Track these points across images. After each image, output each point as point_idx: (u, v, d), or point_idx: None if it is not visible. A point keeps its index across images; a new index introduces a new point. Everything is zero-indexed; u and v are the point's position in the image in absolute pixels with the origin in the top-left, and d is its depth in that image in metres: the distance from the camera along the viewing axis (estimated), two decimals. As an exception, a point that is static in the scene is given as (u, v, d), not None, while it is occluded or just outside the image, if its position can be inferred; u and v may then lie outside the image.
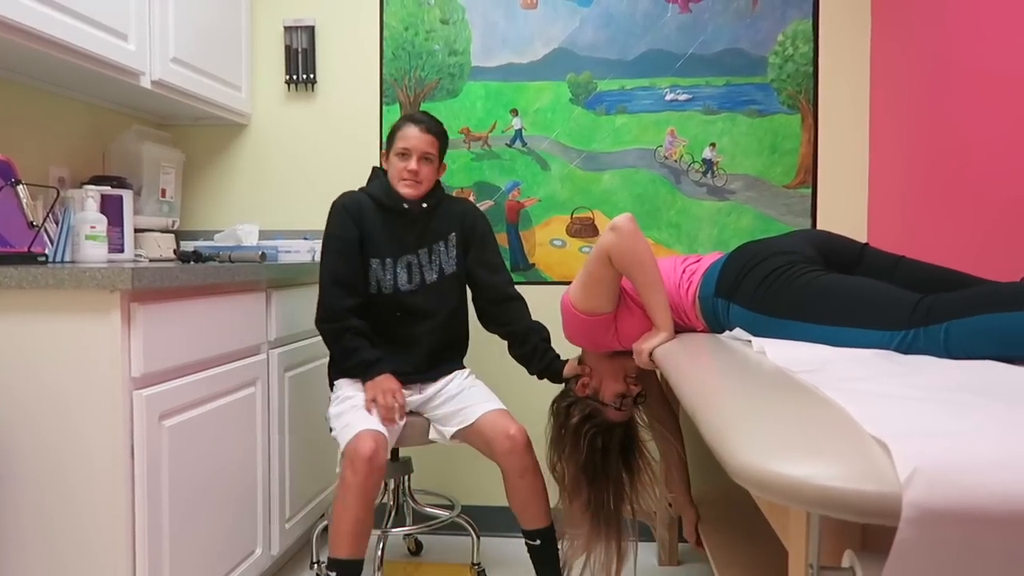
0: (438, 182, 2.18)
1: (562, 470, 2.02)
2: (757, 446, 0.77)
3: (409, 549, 2.58)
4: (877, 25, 2.50)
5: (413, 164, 2.05)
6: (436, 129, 2.10)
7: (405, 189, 2.07)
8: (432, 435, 2.11)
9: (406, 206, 2.09)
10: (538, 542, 2.01)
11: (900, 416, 0.78)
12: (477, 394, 2.11)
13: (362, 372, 2.02)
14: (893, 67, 2.37)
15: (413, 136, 2.05)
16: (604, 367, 2.04)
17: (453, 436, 2.06)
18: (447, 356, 2.19)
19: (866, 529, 0.81)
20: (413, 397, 2.12)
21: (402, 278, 2.10)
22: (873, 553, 0.74)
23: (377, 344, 2.07)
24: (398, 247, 2.10)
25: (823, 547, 0.80)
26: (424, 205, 2.11)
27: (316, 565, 2.37)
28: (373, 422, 1.89)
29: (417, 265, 2.11)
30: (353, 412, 1.93)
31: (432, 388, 2.14)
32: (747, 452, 0.76)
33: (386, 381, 1.98)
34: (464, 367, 2.23)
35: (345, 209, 2.07)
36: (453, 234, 2.16)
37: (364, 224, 2.07)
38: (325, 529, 2.37)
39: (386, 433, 1.90)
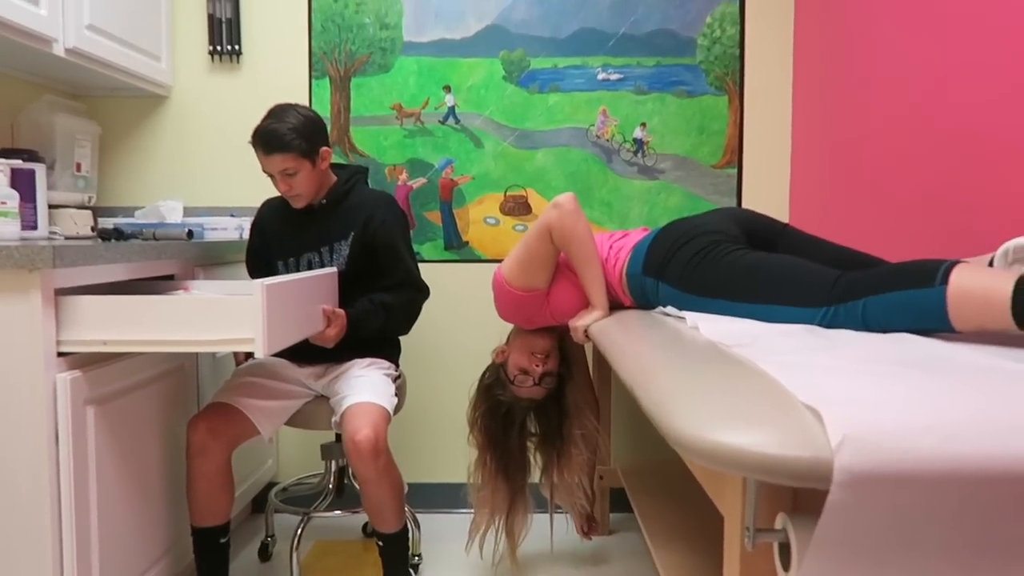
0: (343, 169, 2.13)
1: (473, 420, 2.09)
2: (697, 417, 0.80)
3: (364, 530, 2.54)
4: (800, 9, 2.58)
5: (281, 187, 1.99)
6: (278, 144, 1.92)
7: (294, 205, 2.05)
8: (333, 421, 2.02)
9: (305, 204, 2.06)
10: (381, 544, 1.96)
11: (830, 385, 0.83)
12: (356, 384, 1.97)
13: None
14: (814, 51, 2.46)
15: (265, 162, 1.96)
16: (517, 339, 2.08)
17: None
18: (350, 344, 2.03)
19: (797, 493, 0.86)
20: (309, 380, 2.08)
21: None
22: (804, 515, 0.79)
23: None
24: (300, 245, 2.08)
25: (757, 511, 0.84)
26: (324, 202, 2.06)
27: (271, 539, 2.39)
28: (224, 396, 1.95)
29: (318, 263, 2.07)
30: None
31: (333, 371, 2.07)
32: (688, 423, 0.79)
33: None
34: (378, 358, 2.09)
35: (257, 215, 2.19)
36: (352, 234, 2.05)
37: (272, 228, 2.13)
38: (285, 501, 2.38)
39: (241, 407, 1.90)
